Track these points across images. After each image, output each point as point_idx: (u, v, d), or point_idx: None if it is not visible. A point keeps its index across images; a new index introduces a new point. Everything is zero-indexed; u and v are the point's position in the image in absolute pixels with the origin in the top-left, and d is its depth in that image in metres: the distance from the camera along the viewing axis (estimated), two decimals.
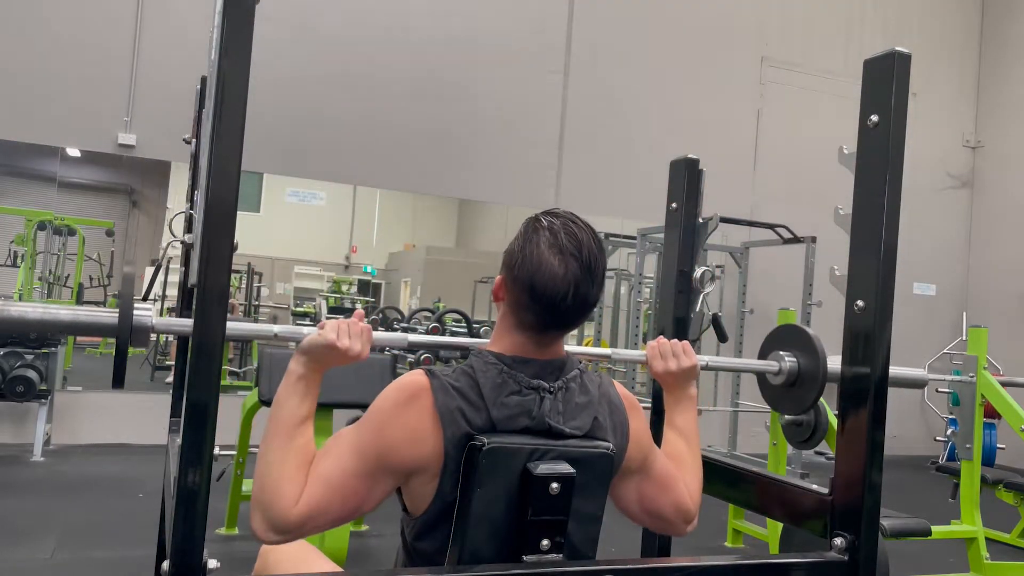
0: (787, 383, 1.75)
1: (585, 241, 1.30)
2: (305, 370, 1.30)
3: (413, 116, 6.46)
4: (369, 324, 1.36)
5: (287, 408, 1.28)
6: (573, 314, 1.30)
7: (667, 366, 1.61)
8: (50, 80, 5.63)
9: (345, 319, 1.33)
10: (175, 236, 2.25)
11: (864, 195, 1.43)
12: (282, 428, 1.26)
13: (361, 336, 1.33)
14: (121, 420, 5.68)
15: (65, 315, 1.28)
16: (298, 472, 1.23)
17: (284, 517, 1.20)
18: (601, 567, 1.25)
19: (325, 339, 1.29)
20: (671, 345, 1.63)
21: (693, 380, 1.64)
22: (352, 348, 1.30)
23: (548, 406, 1.29)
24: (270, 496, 1.21)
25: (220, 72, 1.12)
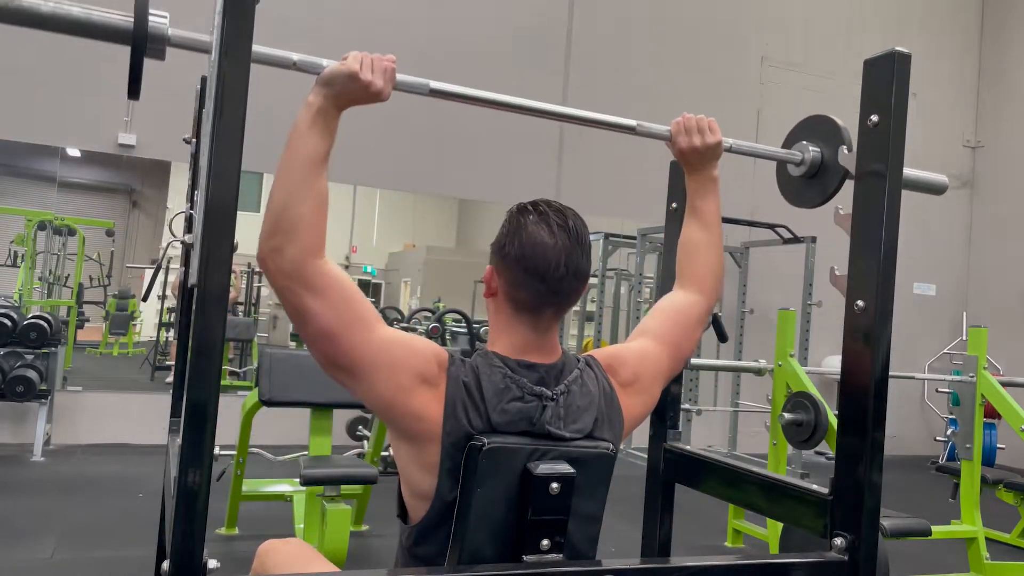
0: (808, 174, 1.66)
1: (570, 214, 1.34)
2: (325, 103, 1.23)
3: (413, 116, 6.46)
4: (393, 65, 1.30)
5: (310, 141, 1.21)
6: (567, 284, 1.31)
7: (692, 142, 1.57)
8: (50, 80, 5.63)
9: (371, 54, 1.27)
10: (175, 236, 2.25)
11: (864, 195, 1.43)
12: (304, 163, 1.20)
13: (385, 73, 1.27)
14: (121, 420, 5.68)
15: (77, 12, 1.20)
16: (322, 219, 1.20)
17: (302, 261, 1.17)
18: (601, 567, 1.25)
19: (348, 68, 1.23)
20: (696, 120, 1.59)
21: (717, 159, 1.60)
22: (375, 83, 1.25)
23: (550, 414, 1.29)
24: (293, 230, 1.17)
25: (220, 72, 1.12)
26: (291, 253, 1.18)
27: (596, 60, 6.99)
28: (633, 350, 1.49)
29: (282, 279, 1.19)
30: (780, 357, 3.93)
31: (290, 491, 3.84)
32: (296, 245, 1.18)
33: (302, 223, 1.18)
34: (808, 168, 1.65)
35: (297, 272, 1.18)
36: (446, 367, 1.27)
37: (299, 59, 1.28)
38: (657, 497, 1.87)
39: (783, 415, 3.69)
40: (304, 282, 1.18)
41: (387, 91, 1.28)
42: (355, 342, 1.21)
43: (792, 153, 1.68)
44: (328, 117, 1.24)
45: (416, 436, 1.25)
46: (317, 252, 1.19)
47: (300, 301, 1.19)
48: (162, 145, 5.77)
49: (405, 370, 1.24)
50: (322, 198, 1.22)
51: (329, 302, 1.20)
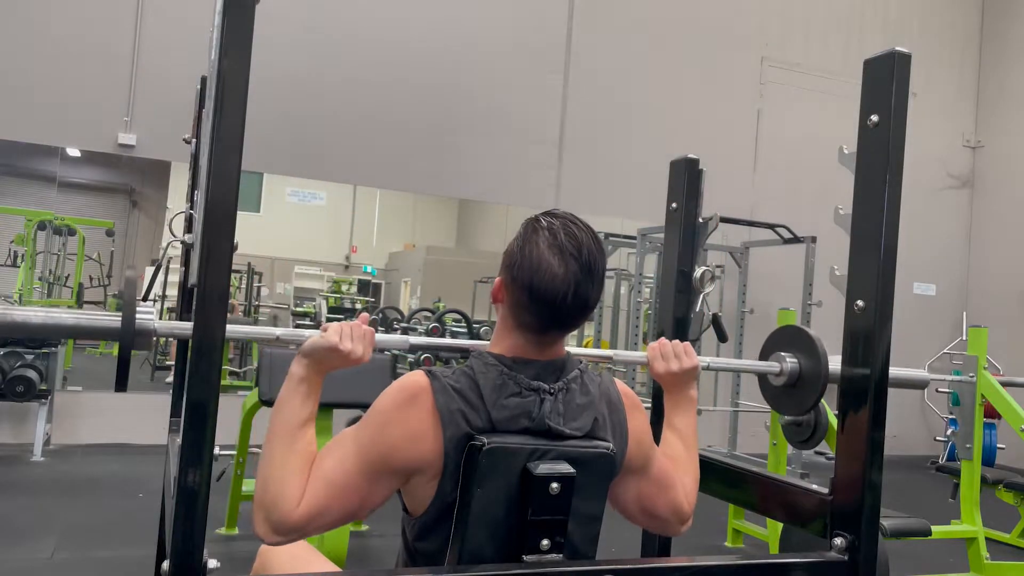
0: (788, 384, 1.75)
1: (585, 241, 1.30)
2: (307, 372, 1.31)
3: (413, 116, 6.46)
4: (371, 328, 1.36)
5: (289, 410, 1.29)
6: (573, 314, 1.30)
7: (668, 367, 1.61)
8: (50, 80, 5.63)
9: (348, 321, 1.33)
10: (175, 236, 2.25)
11: (864, 195, 1.43)
12: (284, 430, 1.27)
13: (364, 339, 1.33)
14: (121, 420, 5.68)
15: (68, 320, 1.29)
16: (300, 474, 1.23)
17: (286, 519, 1.21)
18: (601, 567, 1.25)
19: (328, 342, 1.29)
20: (672, 346, 1.63)
21: (694, 381, 1.64)
22: (354, 351, 1.31)
23: (548, 408, 1.29)
24: (272, 498, 1.21)
25: (220, 72, 1.12)
26: (275, 518, 1.21)
27: (596, 60, 6.99)
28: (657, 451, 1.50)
29: (283, 539, 1.23)
30: None
31: None
32: (277, 511, 1.21)
33: (283, 492, 1.22)
34: (787, 378, 1.74)
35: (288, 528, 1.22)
36: (428, 386, 1.26)
37: (282, 333, 1.39)
38: None
39: (783, 416, 3.69)
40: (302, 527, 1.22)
41: (367, 355, 1.34)
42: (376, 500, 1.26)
43: (771, 365, 1.77)
44: (310, 384, 1.31)
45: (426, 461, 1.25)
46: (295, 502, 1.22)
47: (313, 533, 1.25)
48: (162, 145, 5.77)
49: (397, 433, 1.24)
50: (305, 458, 1.26)
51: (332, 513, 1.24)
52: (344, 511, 1.24)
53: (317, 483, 1.23)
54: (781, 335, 1.81)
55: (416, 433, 1.24)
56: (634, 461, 1.43)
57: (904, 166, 1.41)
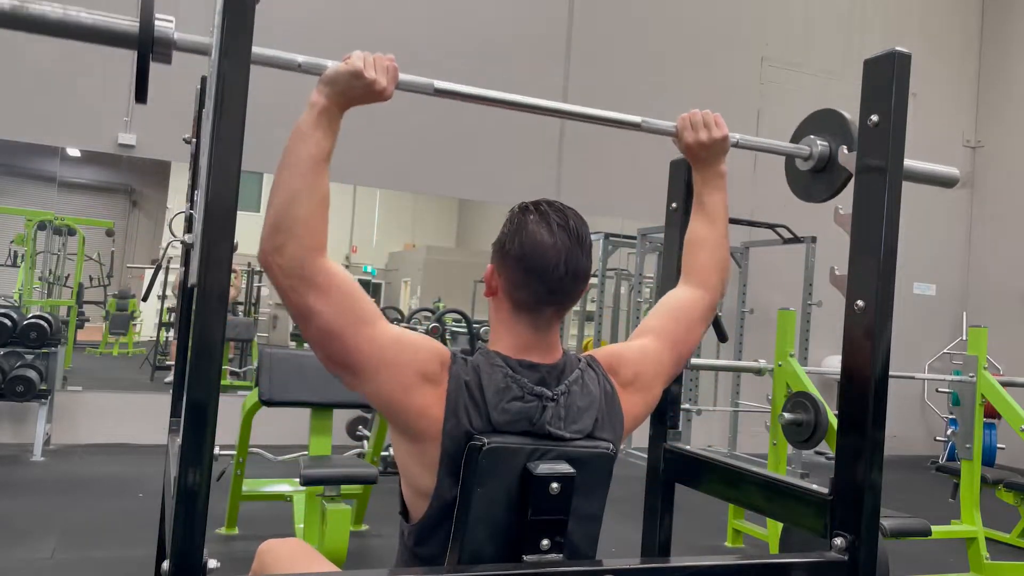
0: (817, 168, 1.66)
1: (571, 214, 1.34)
2: (328, 102, 1.24)
3: (413, 116, 6.46)
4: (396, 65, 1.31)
5: (313, 140, 1.22)
6: (567, 284, 1.31)
7: (698, 137, 1.58)
8: (50, 80, 5.63)
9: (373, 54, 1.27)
10: (175, 236, 2.25)
11: (864, 195, 1.43)
12: (306, 163, 1.21)
13: (388, 72, 1.28)
14: (121, 420, 5.68)
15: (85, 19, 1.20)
16: (323, 218, 1.21)
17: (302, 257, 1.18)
18: (601, 567, 1.25)
19: (352, 67, 1.23)
20: (703, 115, 1.59)
21: (724, 154, 1.61)
22: (379, 81, 1.26)
23: (550, 414, 1.29)
24: (294, 229, 1.18)
25: (220, 72, 1.12)
26: (293, 251, 1.18)
27: (596, 60, 6.98)
28: (634, 349, 1.48)
29: (284, 278, 1.19)
30: (780, 357, 3.93)
31: (290, 491, 3.84)
32: (298, 243, 1.18)
33: (304, 222, 1.19)
34: (816, 162, 1.65)
35: (299, 270, 1.18)
36: (448, 366, 1.27)
37: (303, 60, 1.29)
38: (657, 497, 1.87)
39: (783, 415, 3.69)
40: (307, 280, 1.19)
41: (390, 90, 1.29)
42: (358, 340, 1.22)
43: (800, 147, 1.67)
44: (331, 117, 1.24)
45: (417, 434, 1.25)
46: (319, 250, 1.20)
47: (302, 300, 1.19)
48: (162, 145, 5.77)
49: (407, 368, 1.24)
50: (324, 198, 1.22)
51: (332, 300, 1.20)
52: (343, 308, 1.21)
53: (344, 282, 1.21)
54: (813, 120, 1.72)
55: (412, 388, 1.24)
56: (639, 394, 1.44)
57: (904, 164, 1.41)
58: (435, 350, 1.28)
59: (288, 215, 1.19)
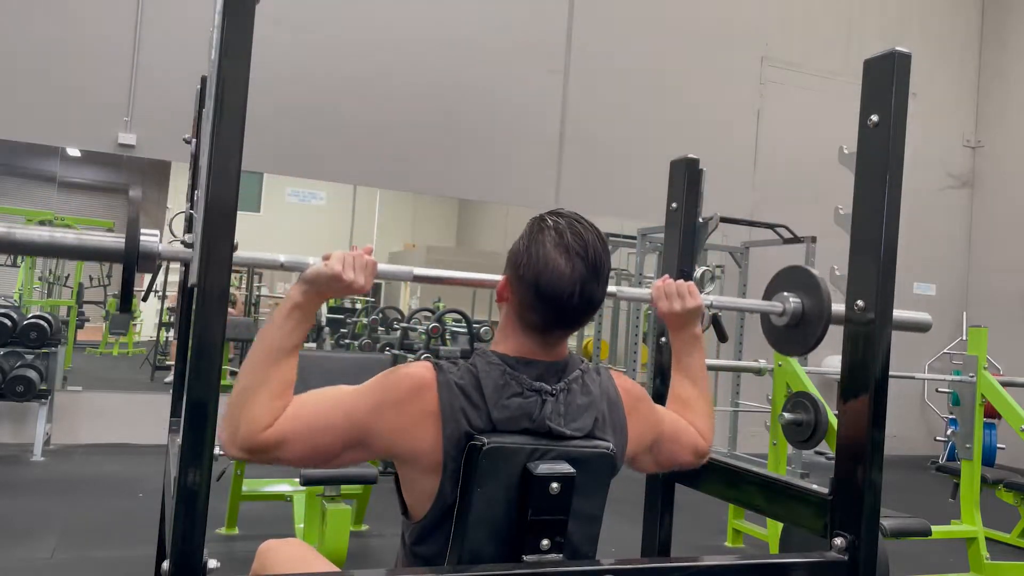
0: (791, 324, 1.73)
1: (591, 241, 1.31)
2: (304, 299, 1.30)
3: (413, 116, 6.46)
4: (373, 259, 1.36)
5: (280, 334, 1.27)
6: (578, 314, 1.31)
7: (671, 306, 1.64)
8: (50, 80, 5.63)
9: (351, 252, 1.33)
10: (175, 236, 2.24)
11: (864, 195, 1.43)
12: (270, 352, 1.26)
13: (366, 269, 1.33)
14: (121, 420, 5.68)
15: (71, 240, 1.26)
16: (278, 399, 1.23)
17: (253, 437, 1.21)
18: (601, 567, 1.25)
19: (331, 270, 1.29)
20: (676, 285, 1.65)
21: (698, 320, 1.67)
22: (356, 281, 1.31)
23: (549, 409, 1.29)
24: (245, 414, 1.21)
25: (220, 72, 1.12)
26: (244, 434, 1.22)
27: (596, 60, 6.98)
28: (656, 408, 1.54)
29: (245, 455, 1.23)
30: (780, 357, 3.93)
31: (290, 491, 3.83)
32: (248, 428, 1.21)
33: (254, 417, 1.22)
34: (790, 319, 1.73)
35: (252, 447, 1.22)
36: (434, 380, 1.27)
37: (286, 260, 1.36)
38: (657, 497, 1.87)
39: (783, 415, 3.69)
40: (264, 453, 1.22)
41: (368, 285, 1.35)
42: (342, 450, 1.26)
43: (774, 305, 1.75)
44: (305, 312, 1.31)
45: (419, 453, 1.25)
46: (268, 424, 1.22)
47: (269, 461, 1.24)
48: (162, 145, 5.77)
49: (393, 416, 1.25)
50: (284, 384, 1.25)
51: (295, 451, 1.24)
52: (309, 454, 1.25)
53: (295, 418, 1.23)
54: (784, 276, 1.79)
55: (410, 427, 1.24)
56: (641, 445, 1.46)
57: (904, 166, 1.41)
58: (409, 374, 1.28)
59: (241, 409, 1.22)
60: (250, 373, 1.24)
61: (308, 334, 1.31)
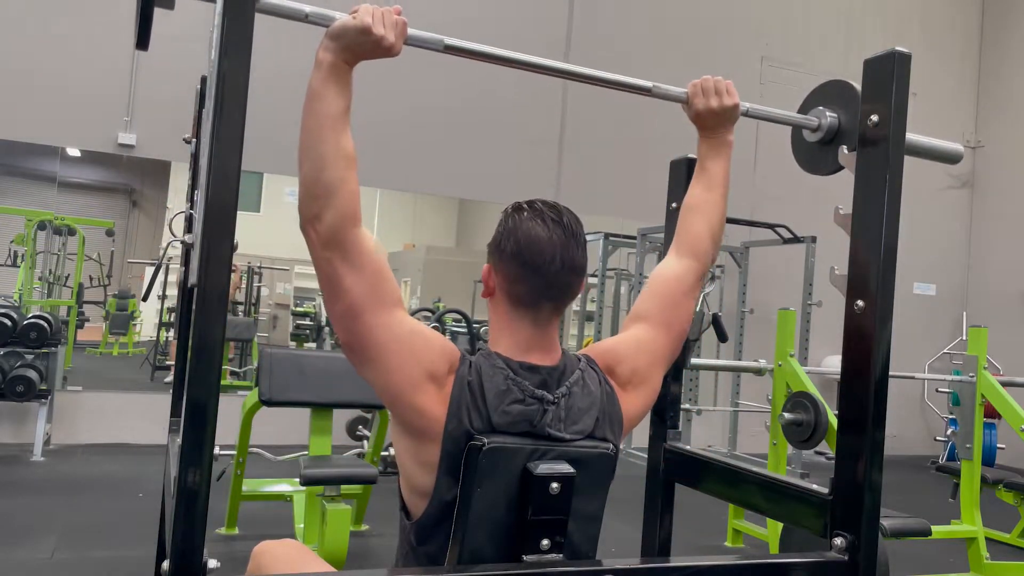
0: (825, 140, 1.62)
1: (564, 210, 1.35)
2: (335, 58, 1.21)
3: (413, 116, 6.46)
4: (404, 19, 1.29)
5: (329, 98, 1.20)
6: (563, 278, 1.31)
7: (708, 103, 1.58)
8: (50, 80, 5.63)
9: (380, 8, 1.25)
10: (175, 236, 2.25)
11: (864, 195, 1.43)
12: (326, 120, 1.20)
13: (396, 27, 1.25)
14: (121, 420, 5.68)
15: None
16: (354, 178, 1.21)
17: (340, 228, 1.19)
18: (601, 567, 1.24)
19: (360, 22, 1.21)
20: (715, 81, 1.58)
21: (732, 123, 1.61)
22: (387, 37, 1.23)
23: (550, 417, 1.29)
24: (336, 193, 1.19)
25: (220, 72, 1.12)
26: (330, 219, 1.19)
27: (596, 60, 6.96)
28: (628, 342, 1.47)
29: (323, 248, 1.20)
30: (780, 357, 3.93)
31: (290, 491, 3.83)
32: (333, 210, 1.19)
33: (336, 187, 1.19)
34: (824, 134, 1.61)
35: (336, 240, 1.19)
36: (456, 368, 1.27)
37: (311, 11, 1.25)
38: (657, 497, 1.87)
39: (783, 415, 3.69)
40: (342, 251, 1.19)
41: (399, 46, 1.26)
42: (377, 322, 1.22)
43: (809, 119, 1.64)
44: (341, 72, 1.22)
45: (417, 432, 1.25)
46: (354, 219, 1.21)
47: (336, 272, 1.20)
48: (162, 145, 5.77)
49: (416, 366, 1.24)
50: (349, 157, 1.22)
51: (363, 276, 1.21)
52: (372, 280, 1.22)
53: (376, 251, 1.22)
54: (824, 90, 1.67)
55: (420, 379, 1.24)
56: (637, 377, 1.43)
57: (904, 166, 1.41)
58: (446, 351, 1.28)
59: (319, 182, 1.19)
60: (313, 147, 1.19)
61: (309, 332, 1.30)
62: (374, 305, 1.22)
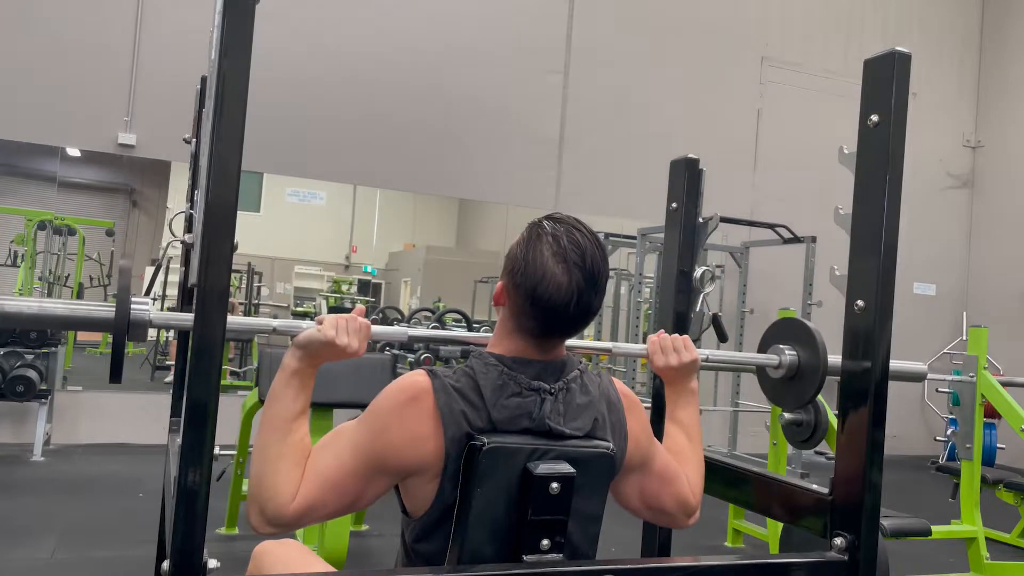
0: (787, 376, 1.74)
1: (588, 249, 1.29)
2: (300, 364, 1.31)
3: (413, 116, 6.46)
4: (368, 320, 1.36)
5: (283, 403, 1.29)
6: (575, 322, 1.31)
7: (667, 361, 1.62)
8: (50, 80, 5.63)
9: (344, 315, 1.33)
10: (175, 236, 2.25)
11: (864, 195, 1.43)
12: (278, 423, 1.27)
13: (359, 332, 1.33)
14: (121, 420, 5.68)
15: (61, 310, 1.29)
16: (295, 468, 1.24)
17: (281, 513, 1.22)
18: (601, 567, 1.25)
19: (324, 336, 1.29)
20: (672, 340, 1.63)
21: (694, 374, 1.65)
22: (350, 345, 1.31)
23: (548, 408, 1.29)
24: (268, 492, 1.22)
25: (220, 72, 1.12)
26: (270, 511, 1.23)
27: (596, 60, 6.98)
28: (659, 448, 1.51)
29: (278, 531, 1.25)
30: None
31: None
32: (274, 504, 1.22)
33: (277, 486, 1.23)
34: (786, 371, 1.72)
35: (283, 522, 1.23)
36: (429, 385, 1.26)
37: (278, 324, 1.36)
38: None
39: (783, 415, 3.69)
40: (297, 521, 1.24)
41: (362, 349, 1.34)
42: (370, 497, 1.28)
43: (770, 357, 1.75)
44: (303, 377, 1.31)
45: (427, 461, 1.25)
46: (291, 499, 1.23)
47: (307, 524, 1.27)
48: (162, 145, 5.77)
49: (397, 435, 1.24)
50: (301, 451, 1.26)
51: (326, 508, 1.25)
52: (339, 506, 1.26)
53: (313, 479, 1.24)
54: (779, 328, 1.81)
55: (415, 435, 1.24)
56: (634, 459, 1.43)
57: (904, 166, 1.41)
58: (402, 387, 1.27)
59: (263, 489, 1.23)
60: (264, 450, 1.25)
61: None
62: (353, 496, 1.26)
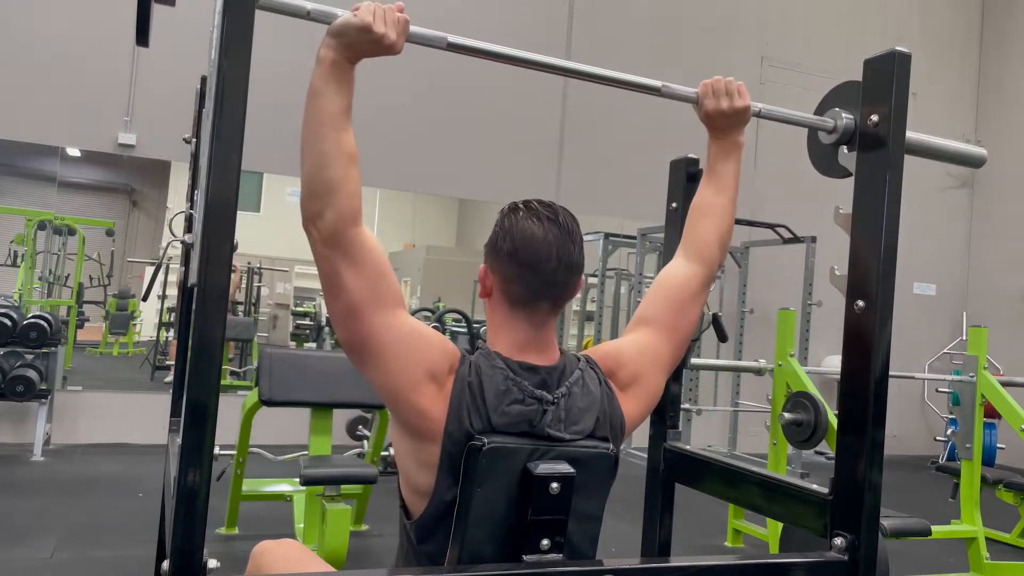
0: (840, 142, 1.57)
1: (559, 209, 1.35)
2: (336, 55, 1.21)
3: (413, 116, 6.46)
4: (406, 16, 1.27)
5: (327, 98, 1.20)
6: (560, 276, 1.31)
7: (719, 105, 1.55)
8: (50, 80, 5.63)
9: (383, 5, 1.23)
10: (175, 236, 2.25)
11: (864, 195, 1.43)
12: (326, 119, 1.19)
13: (398, 25, 1.24)
14: (121, 420, 5.68)
15: None
16: (356, 176, 1.21)
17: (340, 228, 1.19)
18: (601, 567, 1.24)
19: (361, 20, 1.19)
20: (725, 83, 1.55)
21: (744, 124, 1.58)
22: (388, 36, 1.22)
23: (550, 417, 1.29)
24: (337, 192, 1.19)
25: (220, 72, 1.12)
26: (330, 217, 1.19)
27: (596, 60, 6.94)
28: (630, 346, 1.46)
29: (323, 247, 1.20)
30: (780, 357, 3.93)
31: (290, 491, 3.83)
32: (334, 209, 1.19)
33: (337, 185, 1.19)
34: (840, 136, 1.56)
35: (337, 238, 1.19)
36: (456, 368, 1.27)
37: (312, 8, 1.22)
38: (657, 497, 1.87)
39: (783, 415, 3.69)
40: (343, 250, 1.19)
41: (400, 44, 1.25)
42: (377, 322, 1.22)
43: (824, 120, 1.60)
44: (342, 70, 1.21)
45: (418, 433, 1.25)
46: (355, 218, 1.21)
47: (336, 271, 1.20)
48: (162, 145, 5.77)
49: (417, 365, 1.23)
50: (351, 155, 1.21)
51: (363, 275, 1.21)
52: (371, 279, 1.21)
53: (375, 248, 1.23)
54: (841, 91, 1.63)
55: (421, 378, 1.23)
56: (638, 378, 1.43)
57: (904, 166, 1.41)
58: (446, 351, 1.28)
59: (319, 180, 1.19)
60: (314, 146, 1.18)
61: (309, 332, 1.30)
62: (375, 304, 1.21)
